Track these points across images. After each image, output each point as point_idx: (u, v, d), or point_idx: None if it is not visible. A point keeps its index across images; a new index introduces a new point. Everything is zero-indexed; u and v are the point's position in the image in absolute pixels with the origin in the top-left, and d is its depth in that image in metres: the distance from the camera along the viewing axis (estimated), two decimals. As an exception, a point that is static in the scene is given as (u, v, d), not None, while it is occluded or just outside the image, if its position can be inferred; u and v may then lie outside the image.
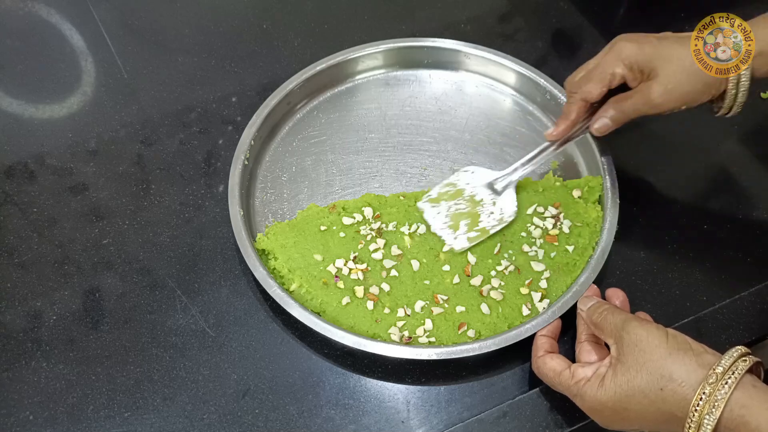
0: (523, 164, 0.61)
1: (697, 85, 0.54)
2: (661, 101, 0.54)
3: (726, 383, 0.42)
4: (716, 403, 0.41)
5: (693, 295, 0.58)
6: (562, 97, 0.67)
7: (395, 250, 0.59)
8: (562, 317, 0.54)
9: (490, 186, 0.61)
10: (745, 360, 0.43)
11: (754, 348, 0.56)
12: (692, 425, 0.42)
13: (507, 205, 0.60)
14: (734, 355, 0.43)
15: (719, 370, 0.42)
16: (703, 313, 0.57)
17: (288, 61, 0.74)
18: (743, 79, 0.53)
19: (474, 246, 0.59)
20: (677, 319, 0.57)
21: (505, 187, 0.61)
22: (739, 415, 0.41)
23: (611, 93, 0.58)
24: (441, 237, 0.59)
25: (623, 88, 0.57)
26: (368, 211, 0.61)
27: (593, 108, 0.59)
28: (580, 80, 0.58)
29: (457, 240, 0.59)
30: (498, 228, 0.59)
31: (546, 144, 0.61)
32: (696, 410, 0.42)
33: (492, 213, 0.60)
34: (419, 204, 0.61)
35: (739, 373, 0.42)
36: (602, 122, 0.57)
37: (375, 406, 0.53)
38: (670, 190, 0.65)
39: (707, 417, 0.41)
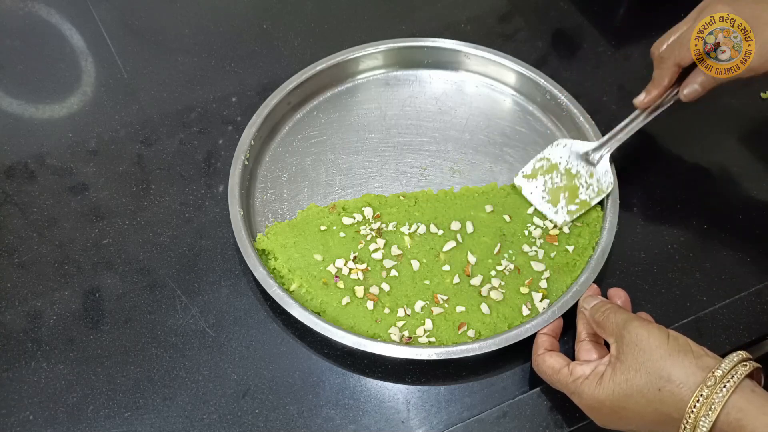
0: (615, 134, 0.62)
1: None
2: (757, 64, 0.53)
3: (724, 387, 0.41)
4: (713, 406, 0.41)
5: (693, 295, 0.58)
6: (562, 97, 0.67)
7: (395, 250, 0.59)
8: (562, 317, 0.54)
9: (584, 158, 0.62)
10: (746, 365, 0.43)
11: (754, 348, 0.56)
12: (688, 427, 0.42)
13: (604, 175, 0.60)
14: (734, 359, 0.43)
15: (718, 373, 0.42)
16: (703, 313, 0.57)
17: (288, 61, 0.74)
18: None
19: (475, 245, 0.59)
20: (677, 319, 0.57)
21: (600, 159, 0.61)
22: (736, 419, 0.41)
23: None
24: (542, 211, 0.60)
25: None
26: (368, 211, 0.61)
27: (682, 75, 0.58)
28: (672, 45, 0.57)
29: (558, 214, 0.60)
30: (598, 200, 0.60)
31: (636, 113, 0.61)
32: (692, 412, 0.42)
33: (590, 185, 0.60)
34: (516, 180, 0.62)
35: (738, 378, 0.42)
36: (692, 88, 0.57)
37: (375, 406, 0.53)
38: (670, 190, 0.65)
39: (703, 419, 0.41)
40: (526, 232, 0.60)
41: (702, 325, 0.56)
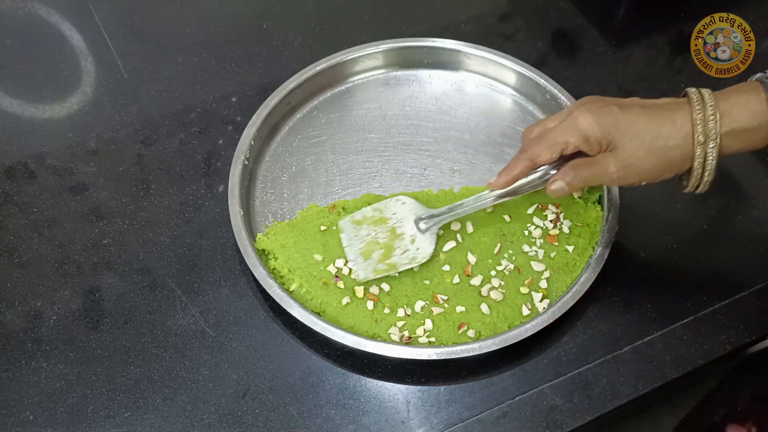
0: (453, 208, 0.58)
1: (658, 164, 0.50)
2: (619, 176, 0.51)
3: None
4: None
5: (693, 295, 0.58)
6: (562, 97, 0.67)
7: (395, 250, 0.59)
8: (561, 317, 0.54)
9: (416, 222, 0.58)
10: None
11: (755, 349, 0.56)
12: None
13: (424, 246, 0.58)
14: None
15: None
16: (703, 313, 0.57)
17: (288, 61, 0.74)
18: (710, 158, 0.49)
19: (475, 245, 0.59)
20: (677, 319, 0.57)
21: (429, 227, 0.58)
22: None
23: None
24: (348, 259, 0.58)
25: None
26: (368, 211, 0.61)
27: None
28: (534, 140, 0.54)
29: (364, 268, 0.57)
30: (407, 267, 0.57)
31: (486, 192, 0.57)
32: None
33: (407, 251, 0.57)
34: (341, 222, 0.59)
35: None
36: (558, 185, 0.53)
37: (375, 406, 0.53)
38: (670, 190, 0.65)
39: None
40: (526, 232, 0.60)
41: (702, 325, 0.57)
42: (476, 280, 0.57)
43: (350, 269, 0.58)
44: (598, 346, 0.56)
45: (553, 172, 0.55)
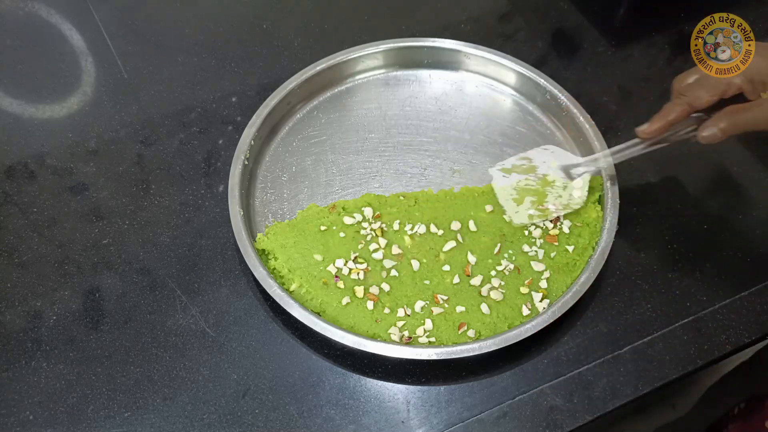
0: (605, 156, 0.60)
1: None
2: None
3: None
4: None
5: (693, 295, 0.58)
6: (562, 97, 0.67)
7: (395, 250, 0.59)
8: (561, 317, 0.54)
9: (566, 170, 0.61)
10: None
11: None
12: None
13: (576, 192, 0.60)
14: None
15: None
16: (703, 313, 0.57)
17: (288, 61, 0.74)
18: None
19: (475, 245, 0.59)
20: (677, 319, 0.57)
21: (580, 175, 0.60)
22: None
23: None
24: (503, 207, 0.60)
25: (737, 98, 0.54)
26: (368, 211, 0.61)
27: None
28: (692, 84, 0.54)
29: (518, 214, 0.59)
30: (562, 213, 0.59)
31: (635, 140, 0.58)
32: None
33: (560, 196, 0.60)
34: (490, 170, 0.61)
35: None
36: (711, 131, 0.53)
37: (375, 406, 0.53)
38: (670, 190, 0.65)
39: None
40: (526, 232, 0.60)
41: (702, 325, 0.57)
42: (476, 280, 0.57)
43: (350, 269, 0.58)
44: (598, 346, 0.56)
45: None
